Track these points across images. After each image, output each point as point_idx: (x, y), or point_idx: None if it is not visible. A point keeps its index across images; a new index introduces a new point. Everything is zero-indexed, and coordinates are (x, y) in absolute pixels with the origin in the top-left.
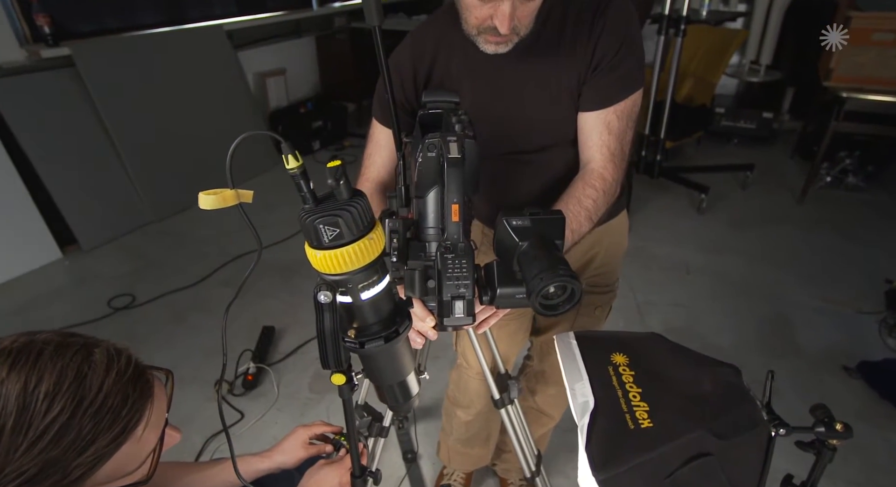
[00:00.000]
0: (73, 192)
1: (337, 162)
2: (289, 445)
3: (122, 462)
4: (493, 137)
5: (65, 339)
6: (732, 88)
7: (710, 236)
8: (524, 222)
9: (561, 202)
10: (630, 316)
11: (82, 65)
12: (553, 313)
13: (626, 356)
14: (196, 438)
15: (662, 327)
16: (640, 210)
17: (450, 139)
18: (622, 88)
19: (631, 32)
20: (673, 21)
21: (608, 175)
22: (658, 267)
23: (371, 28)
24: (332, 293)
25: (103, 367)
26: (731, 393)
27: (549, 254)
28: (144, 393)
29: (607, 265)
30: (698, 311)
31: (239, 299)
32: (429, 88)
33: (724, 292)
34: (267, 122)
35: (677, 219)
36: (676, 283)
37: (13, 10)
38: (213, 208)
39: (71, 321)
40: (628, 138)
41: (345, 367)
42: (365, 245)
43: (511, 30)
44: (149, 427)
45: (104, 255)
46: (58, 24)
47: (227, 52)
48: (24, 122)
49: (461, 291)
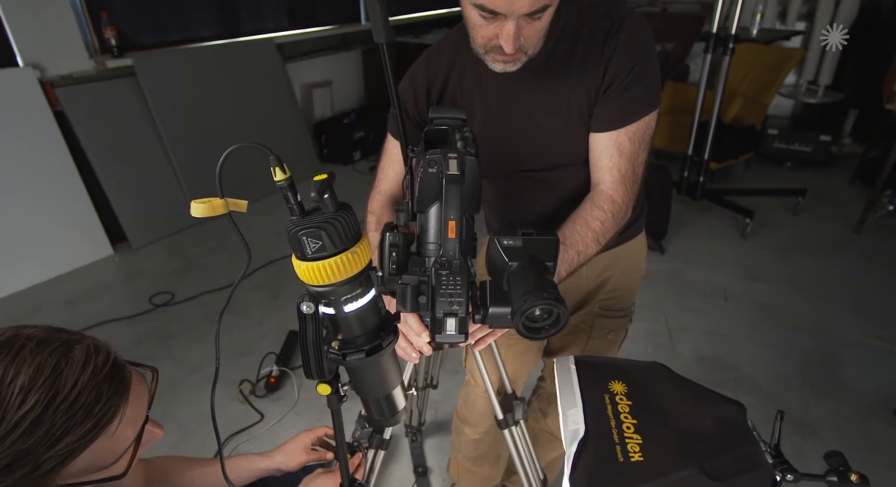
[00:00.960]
0: (126, 193)
1: (323, 176)
2: (291, 448)
3: (97, 456)
4: (504, 155)
5: (49, 335)
6: (788, 109)
7: (752, 263)
8: (516, 242)
9: (568, 223)
10: (661, 342)
11: (142, 74)
12: (537, 336)
13: (625, 384)
14: (209, 442)
15: (694, 355)
16: (680, 232)
17: (450, 156)
18: (634, 109)
19: (644, 53)
20: (721, 40)
21: (618, 197)
22: (694, 292)
23: (379, 45)
24: (315, 304)
25: (80, 364)
26: (731, 432)
27: (537, 276)
28: (119, 391)
29: (621, 289)
30: (734, 341)
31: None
32: (440, 105)
33: (764, 323)
34: (311, 131)
35: (718, 243)
36: (713, 310)
37: (86, 24)
38: (203, 216)
39: (114, 315)
40: (641, 160)
41: (328, 377)
42: (348, 259)
43: (517, 49)
44: (124, 424)
45: (150, 253)
46: (123, 37)
47: (277, 64)
48: (87, 126)
49: (454, 308)
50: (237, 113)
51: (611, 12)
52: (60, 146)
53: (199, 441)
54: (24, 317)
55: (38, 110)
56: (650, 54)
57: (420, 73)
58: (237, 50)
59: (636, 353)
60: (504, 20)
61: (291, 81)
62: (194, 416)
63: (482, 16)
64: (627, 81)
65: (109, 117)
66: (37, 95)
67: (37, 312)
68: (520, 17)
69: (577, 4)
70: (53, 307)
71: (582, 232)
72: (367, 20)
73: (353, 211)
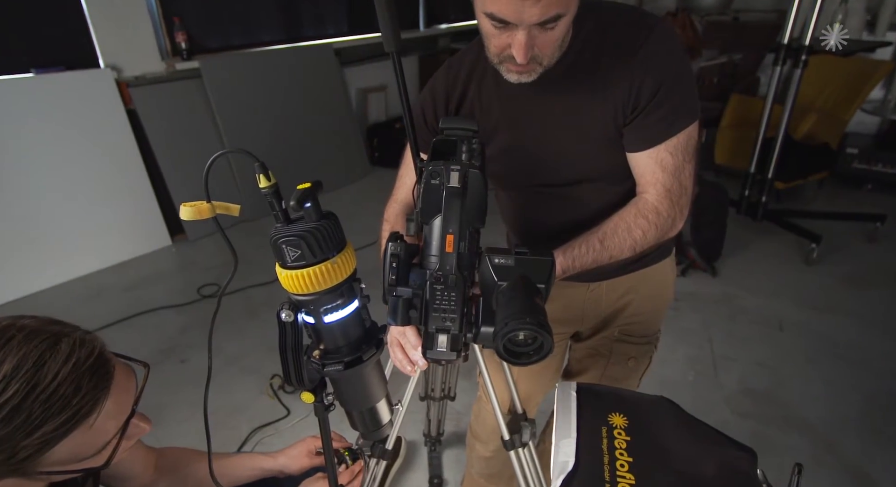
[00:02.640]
0: (187, 187)
1: (307, 184)
2: (295, 451)
3: (75, 447)
4: (521, 168)
5: (42, 326)
6: (872, 127)
7: (815, 292)
8: (507, 260)
9: (611, 223)
10: (703, 369)
11: (207, 76)
12: (518, 361)
13: (626, 418)
14: (244, 427)
15: (739, 386)
16: (735, 254)
17: (453, 168)
18: (669, 125)
19: (674, 66)
20: (793, 51)
21: (663, 210)
22: (746, 319)
23: (390, 53)
24: (295, 313)
25: (63, 356)
26: (736, 482)
27: (524, 299)
28: (100, 385)
29: (644, 314)
30: (786, 374)
31: None
32: (458, 114)
33: (824, 358)
34: (364, 135)
35: (778, 268)
36: (765, 339)
37: (161, 28)
38: (191, 219)
39: (165, 303)
40: (687, 173)
41: (307, 386)
42: (327, 269)
43: (531, 59)
44: (104, 417)
45: (204, 246)
46: (193, 40)
47: (334, 69)
48: (155, 124)
49: (446, 324)
50: (294, 115)
51: (636, 23)
52: (130, 142)
53: (228, 430)
54: (87, 299)
55: (113, 108)
56: (680, 66)
57: (440, 81)
58: (297, 54)
59: (674, 379)
60: (515, 30)
61: (348, 85)
62: (225, 406)
63: (493, 25)
64: (659, 97)
65: (175, 116)
66: (113, 94)
67: (98, 295)
68: (531, 26)
69: (601, 14)
70: (112, 292)
71: (622, 238)
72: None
73: (338, 221)
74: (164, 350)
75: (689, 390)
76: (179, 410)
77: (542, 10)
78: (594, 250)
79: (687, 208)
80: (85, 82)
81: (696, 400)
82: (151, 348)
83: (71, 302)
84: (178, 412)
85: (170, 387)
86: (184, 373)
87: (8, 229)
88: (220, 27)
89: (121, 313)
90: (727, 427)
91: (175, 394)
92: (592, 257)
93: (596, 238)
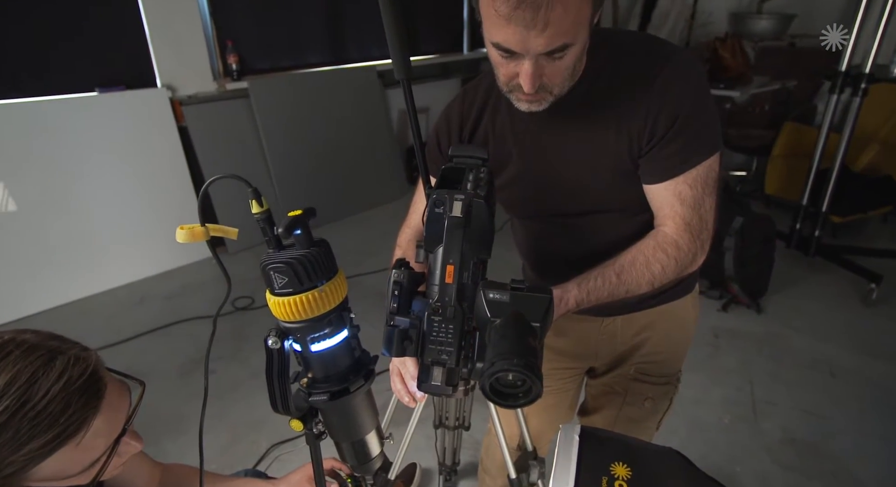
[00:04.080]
0: (229, 200)
1: (298, 212)
2: (296, 478)
3: (62, 464)
4: (534, 197)
5: (43, 341)
6: None
7: (873, 336)
8: (502, 296)
9: (629, 256)
10: (741, 413)
11: (255, 96)
12: (504, 402)
13: (629, 468)
14: (263, 442)
15: (781, 434)
16: (783, 291)
17: (456, 197)
18: (687, 157)
19: (692, 96)
20: (851, 78)
21: (684, 244)
22: (792, 361)
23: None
24: (281, 339)
25: (56, 374)
26: None
27: (515, 338)
28: (89, 403)
29: (663, 354)
30: (837, 425)
31: None
32: (472, 141)
33: (880, 410)
34: (403, 156)
35: (831, 308)
36: (813, 385)
37: (214, 50)
38: (186, 242)
39: (201, 313)
40: (707, 206)
41: (293, 414)
42: (314, 297)
43: (540, 88)
44: (92, 435)
45: (243, 259)
46: (244, 62)
47: (377, 90)
48: (202, 139)
49: (442, 357)
50: (336, 135)
51: (653, 52)
52: (180, 157)
53: (248, 445)
54: (130, 306)
55: (166, 125)
56: (700, 97)
57: (455, 108)
58: (341, 76)
59: (708, 421)
60: (522, 59)
61: (390, 107)
62: (246, 420)
63: (501, 54)
64: (676, 128)
65: (223, 134)
66: (167, 111)
67: (141, 302)
68: (539, 56)
69: (618, 42)
70: (154, 300)
71: (640, 271)
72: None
73: (329, 248)
74: (196, 360)
75: (723, 434)
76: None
77: (547, 40)
78: (610, 284)
79: (708, 243)
80: (142, 100)
81: (731, 446)
82: (184, 357)
83: (116, 308)
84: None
85: (196, 398)
86: (211, 385)
87: (66, 236)
88: (269, 49)
89: (160, 320)
90: (767, 479)
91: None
92: (608, 291)
93: (612, 271)
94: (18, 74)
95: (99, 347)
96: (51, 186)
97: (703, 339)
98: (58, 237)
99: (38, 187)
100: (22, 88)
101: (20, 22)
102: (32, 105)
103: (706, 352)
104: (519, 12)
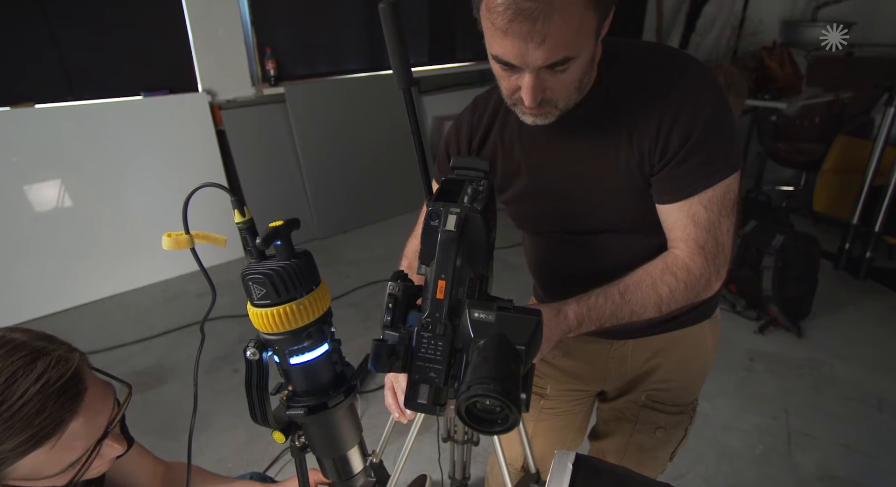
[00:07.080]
0: (261, 202)
1: (279, 222)
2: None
3: (39, 465)
4: (542, 212)
5: (27, 342)
6: None
7: None
8: (488, 316)
9: (633, 277)
10: (775, 444)
11: (290, 101)
12: (480, 428)
13: None
14: (275, 446)
15: (819, 470)
16: (828, 315)
17: (451, 210)
18: (702, 177)
19: (707, 112)
20: None
21: (695, 268)
22: (835, 392)
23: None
24: (259, 351)
25: (35, 375)
26: None
27: (496, 362)
28: (66, 406)
29: (676, 382)
30: (883, 465)
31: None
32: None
33: None
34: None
35: (882, 336)
36: (857, 418)
37: (254, 57)
38: (171, 250)
39: (230, 313)
40: (724, 229)
41: (272, 426)
42: (292, 310)
43: (544, 102)
44: (70, 437)
45: None
46: (281, 68)
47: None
48: (240, 144)
49: (430, 375)
50: (369, 140)
51: (668, 64)
52: (216, 160)
53: (265, 444)
54: (165, 302)
55: (205, 128)
56: (717, 113)
57: (465, 119)
58: (376, 82)
59: (738, 449)
60: (523, 72)
61: (425, 113)
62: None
63: (501, 67)
64: (690, 146)
65: (258, 138)
66: (206, 115)
67: (174, 298)
68: (540, 69)
69: (631, 54)
70: (187, 297)
71: (646, 293)
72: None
73: (311, 260)
74: (221, 358)
75: (754, 464)
76: (225, 418)
77: (546, 53)
78: (613, 303)
79: (725, 267)
80: (184, 104)
81: (761, 478)
82: (210, 355)
83: (151, 303)
84: (223, 421)
85: (220, 395)
86: (235, 382)
87: (110, 233)
88: (306, 56)
89: (190, 317)
90: None
91: (223, 402)
92: (611, 310)
93: (616, 290)
94: (74, 79)
95: (131, 342)
96: (99, 185)
97: (736, 362)
98: (103, 234)
99: (89, 186)
100: (77, 91)
101: (76, 28)
102: (86, 108)
103: (740, 376)
104: (515, 25)
